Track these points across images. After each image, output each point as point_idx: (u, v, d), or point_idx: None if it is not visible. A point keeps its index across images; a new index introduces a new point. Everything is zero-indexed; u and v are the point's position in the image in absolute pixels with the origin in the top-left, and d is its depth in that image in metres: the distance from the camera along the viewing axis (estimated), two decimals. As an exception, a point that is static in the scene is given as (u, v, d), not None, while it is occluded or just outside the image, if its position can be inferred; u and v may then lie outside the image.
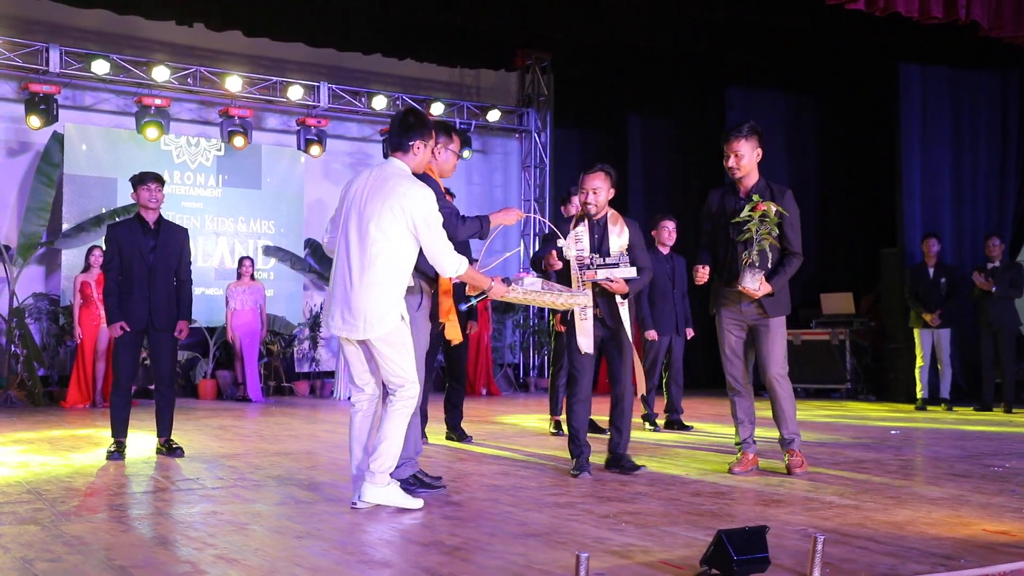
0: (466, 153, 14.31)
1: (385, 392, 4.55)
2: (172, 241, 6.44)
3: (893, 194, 12.17)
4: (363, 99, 13.84)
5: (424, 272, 4.77)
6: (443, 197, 4.93)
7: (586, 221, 5.58)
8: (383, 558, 3.52)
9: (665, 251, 8.30)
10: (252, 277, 12.19)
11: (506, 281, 4.87)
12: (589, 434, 5.62)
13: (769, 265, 5.39)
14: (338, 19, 13.22)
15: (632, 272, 5.42)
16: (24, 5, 12.24)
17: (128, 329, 6.26)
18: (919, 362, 10.55)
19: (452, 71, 15.34)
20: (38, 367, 11.46)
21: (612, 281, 5.33)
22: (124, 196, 12.43)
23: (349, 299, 4.37)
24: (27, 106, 11.62)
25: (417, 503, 4.48)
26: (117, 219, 12.21)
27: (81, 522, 4.13)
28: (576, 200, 6.49)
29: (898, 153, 11.99)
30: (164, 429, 6.46)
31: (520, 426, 8.63)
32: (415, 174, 4.65)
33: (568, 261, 5.44)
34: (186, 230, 6.69)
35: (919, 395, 10.52)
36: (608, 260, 5.41)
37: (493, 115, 14.67)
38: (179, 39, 13.16)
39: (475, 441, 7.29)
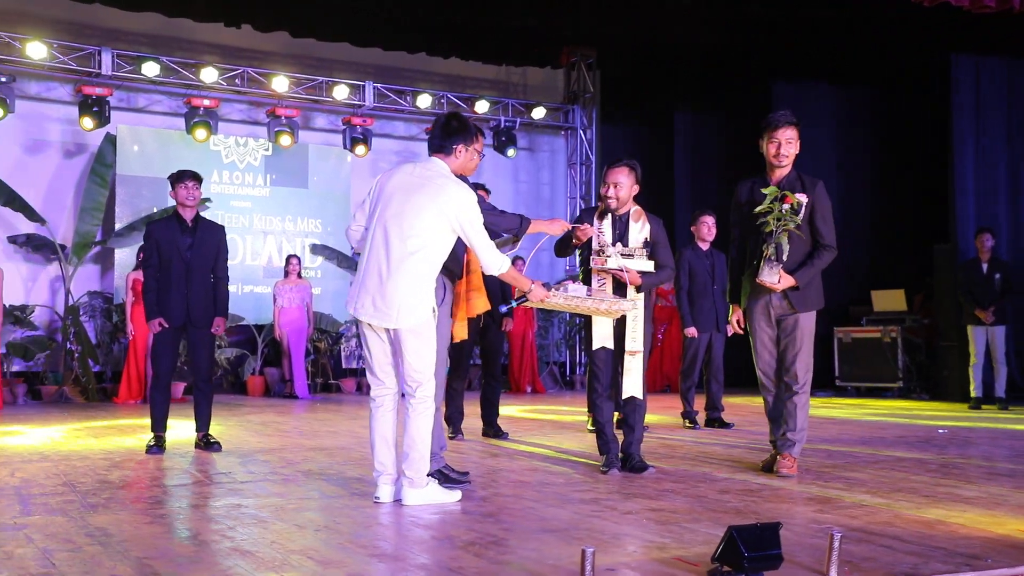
0: (511, 152, 14.32)
1: (403, 393, 4.56)
2: (209, 239, 6.53)
3: (946, 188, 11.91)
4: (408, 98, 13.92)
5: (449, 269, 4.78)
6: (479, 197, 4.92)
7: (608, 215, 5.52)
8: (395, 552, 3.52)
9: (705, 247, 8.22)
10: (299, 275, 12.31)
11: (547, 286, 4.86)
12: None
13: (784, 257, 5.25)
14: (383, 19, 13.31)
15: (648, 265, 5.37)
16: (78, 10, 12.52)
17: (166, 325, 6.35)
18: (973, 360, 10.31)
19: (497, 69, 15.37)
20: (92, 364, 11.70)
21: (623, 271, 5.26)
22: (175, 196, 12.67)
23: (384, 288, 4.38)
24: (80, 108, 11.88)
25: (456, 495, 4.52)
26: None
27: (108, 514, 4.19)
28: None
29: (951, 146, 11.73)
30: (203, 424, 6.55)
31: (560, 423, 8.59)
32: (464, 173, 4.75)
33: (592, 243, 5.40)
34: (223, 228, 6.78)
35: (973, 394, 10.29)
36: (623, 251, 5.37)
37: (538, 112, 14.65)
38: (227, 41, 13.37)
39: (511, 437, 7.27)
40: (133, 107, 13.03)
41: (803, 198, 5.25)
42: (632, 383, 5.41)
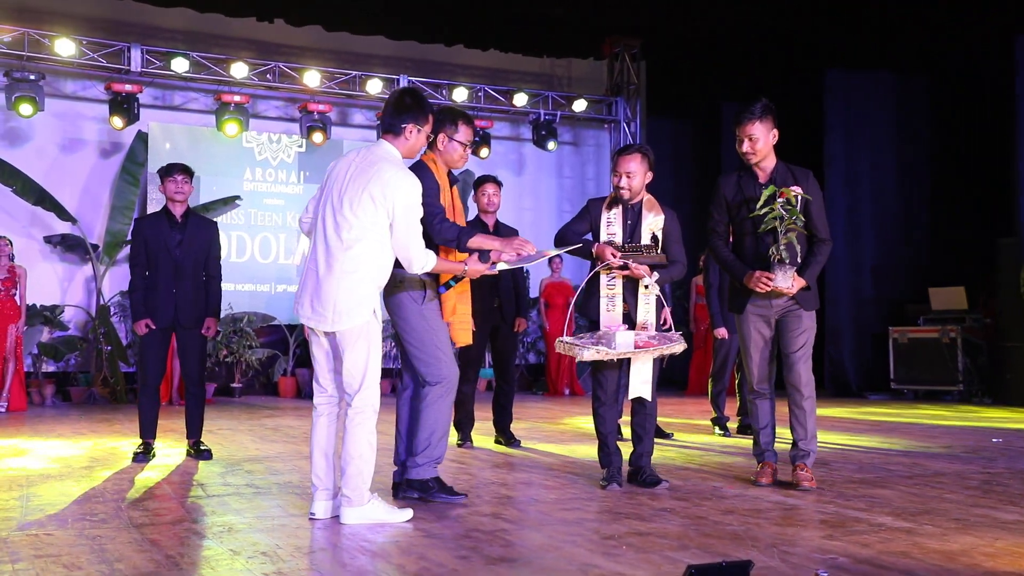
0: (551, 145, 13.87)
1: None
2: (200, 235, 6.22)
3: (1010, 179, 11.17)
4: (444, 91, 13.54)
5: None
6: (435, 193, 4.49)
7: (619, 205, 5.07)
8: (325, 584, 3.13)
9: (737, 242, 7.69)
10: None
11: (483, 258, 4.47)
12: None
13: (799, 259, 4.81)
14: (419, 11, 12.97)
15: (659, 259, 4.91)
16: (108, 7, 12.41)
17: (153, 327, 6.06)
18: (1037, 362, 9.61)
19: (538, 61, 14.94)
20: (122, 364, 11.55)
21: (627, 268, 4.82)
22: (207, 193, 12.51)
23: (320, 287, 4.02)
24: (111, 106, 11.73)
25: (405, 515, 4.10)
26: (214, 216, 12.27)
27: (38, 528, 3.88)
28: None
29: (1014, 134, 10.99)
30: (193, 431, 6.23)
31: (582, 429, 8.13)
32: (413, 162, 4.33)
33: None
34: (215, 224, 6.47)
35: (1037, 398, 9.60)
36: (630, 246, 4.92)
37: (579, 105, 14.16)
38: (260, 36, 13.13)
39: (524, 445, 6.85)
40: (166, 104, 12.86)
41: (799, 193, 4.79)
42: (639, 382, 4.94)
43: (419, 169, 4.46)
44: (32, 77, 11.29)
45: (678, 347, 4.84)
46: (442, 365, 4.51)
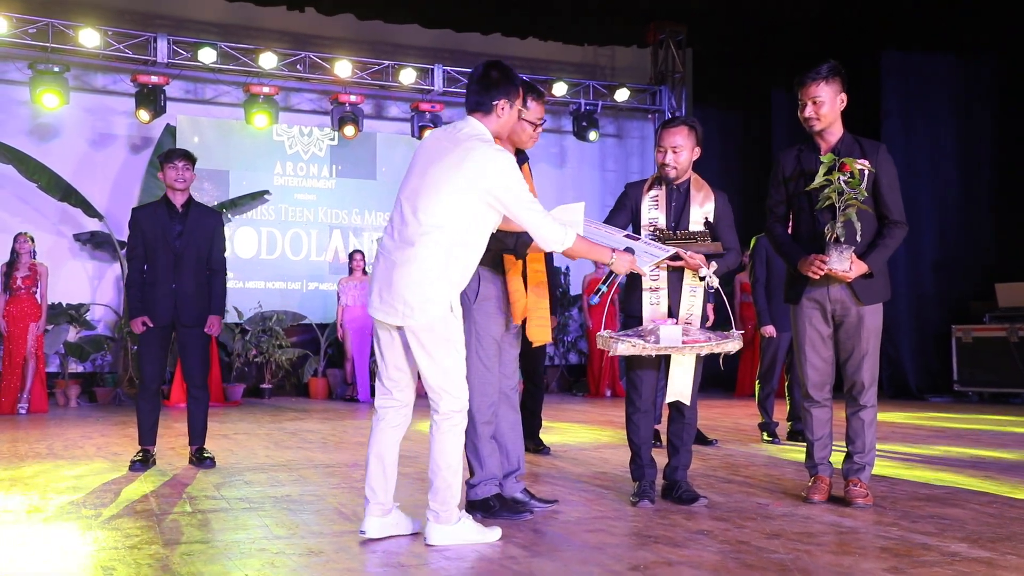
0: (592, 136, 13.34)
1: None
2: (202, 226, 5.77)
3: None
4: (480, 81, 13.02)
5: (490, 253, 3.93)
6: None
7: (663, 186, 4.51)
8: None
9: (786, 234, 7.08)
10: (364, 272, 11.59)
11: (629, 250, 3.97)
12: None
13: (859, 238, 4.21)
14: (455, -2, 12.54)
15: (715, 247, 4.35)
16: (135, -2, 12.14)
17: (151, 325, 5.63)
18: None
19: (579, 50, 14.40)
20: None
21: (678, 259, 4.27)
22: (237, 187, 12.17)
23: (391, 277, 3.55)
24: (137, 99, 11.43)
25: (494, 534, 3.69)
26: (225, 211, 11.91)
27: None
28: None
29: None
30: (196, 437, 5.78)
31: (619, 435, 7.56)
32: (514, 144, 4.03)
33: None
34: (219, 214, 6.03)
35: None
36: (681, 233, 4.35)
37: (622, 95, 13.58)
38: (291, 26, 12.76)
39: (554, 453, 6.33)
40: (195, 98, 12.52)
41: (864, 166, 4.20)
42: (680, 384, 4.38)
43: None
44: (56, 69, 11.01)
45: (731, 345, 4.24)
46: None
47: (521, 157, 4.24)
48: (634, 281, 4.43)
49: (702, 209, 4.48)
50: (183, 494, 4.79)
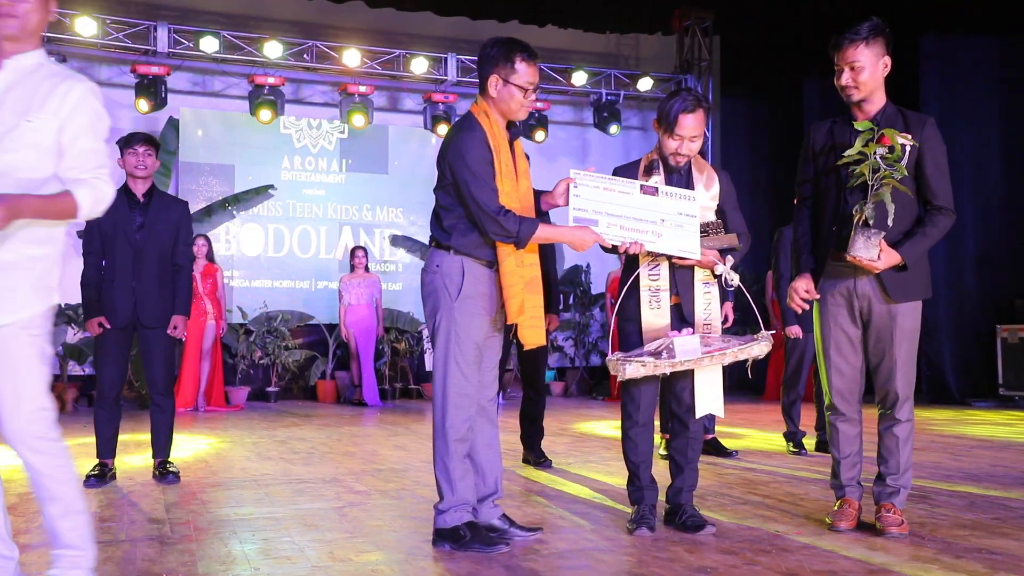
0: (613, 128, 12.74)
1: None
2: (165, 217, 5.25)
3: None
4: (496, 70, 12.48)
5: (475, 245, 3.56)
6: (485, 159, 3.51)
7: (661, 167, 3.93)
8: None
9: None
10: (366, 269, 11.07)
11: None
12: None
13: (890, 222, 3.60)
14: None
15: (730, 240, 3.77)
16: (137, -15, 11.69)
17: (108, 326, 5.13)
18: None
19: (601, 38, 13.79)
20: (73, 365, 10.78)
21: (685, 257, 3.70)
22: (242, 182, 11.72)
23: None
24: (136, 89, 11.00)
25: None
26: (230, 207, 11.47)
27: None
28: None
29: None
30: (160, 449, 5.28)
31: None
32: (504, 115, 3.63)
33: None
34: (185, 203, 5.51)
35: None
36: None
37: (644, 84, 12.96)
38: (299, 15, 12.28)
39: (556, 466, 5.76)
40: (200, 91, 12.08)
41: (907, 139, 3.58)
42: (710, 396, 3.81)
43: (466, 125, 3.56)
44: (54, 60, 10.57)
45: (758, 349, 3.65)
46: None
47: (511, 132, 3.68)
48: (631, 281, 3.86)
49: (708, 193, 3.89)
50: (125, 516, 4.27)
